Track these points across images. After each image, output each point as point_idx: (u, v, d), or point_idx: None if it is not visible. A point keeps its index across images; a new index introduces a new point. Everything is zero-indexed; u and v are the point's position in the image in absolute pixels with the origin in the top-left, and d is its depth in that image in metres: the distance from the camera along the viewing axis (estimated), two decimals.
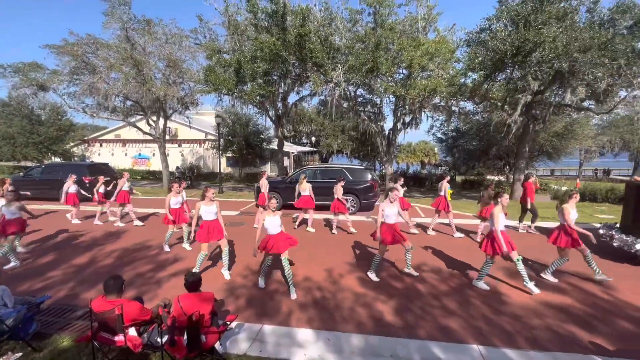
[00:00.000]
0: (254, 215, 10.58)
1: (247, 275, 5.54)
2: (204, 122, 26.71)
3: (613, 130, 28.72)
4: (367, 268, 5.87)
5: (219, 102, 15.30)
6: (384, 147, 15.77)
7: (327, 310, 4.39)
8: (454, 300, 4.67)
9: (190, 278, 3.35)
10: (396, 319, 4.17)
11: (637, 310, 4.38)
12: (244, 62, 12.09)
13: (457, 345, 3.61)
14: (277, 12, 11.58)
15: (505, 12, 11.45)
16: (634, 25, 10.13)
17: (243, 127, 21.53)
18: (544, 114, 14.01)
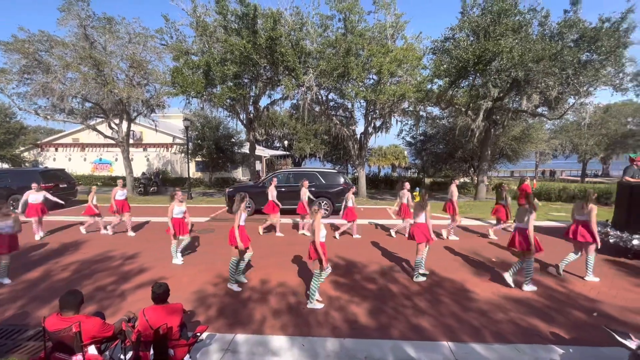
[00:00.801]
0: (226, 221, 10.31)
1: (219, 284, 5.36)
2: (171, 126, 25.70)
3: (564, 134, 31.20)
4: (341, 271, 5.91)
5: (187, 104, 14.81)
6: (356, 151, 16.02)
7: (301, 315, 4.34)
8: (424, 299, 4.80)
9: (159, 289, 3.17)
10: (370, 320, 4.22)
11: (589, 301, 4.75)
12: (213, 64, 11.82)
13: (428, 343, 3.71)
14: (247, 15, 11.45)
15: (467, 22, 12.11)
16: (579, 38, 11.09)
17: (213, 131, 20.96)
18: (503, 119, 14.93)
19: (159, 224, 9.97)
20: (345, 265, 6.24)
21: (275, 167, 30.68)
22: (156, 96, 15.96)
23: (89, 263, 6.39)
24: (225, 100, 12.97)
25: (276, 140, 33.59)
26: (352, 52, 11.73)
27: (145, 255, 6.84)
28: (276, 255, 6.82)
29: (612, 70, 11.35)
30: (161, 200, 15.04)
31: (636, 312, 4.39)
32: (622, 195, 7.10)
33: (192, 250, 7.25)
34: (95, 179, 22.77)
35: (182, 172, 23.83)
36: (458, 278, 5.57)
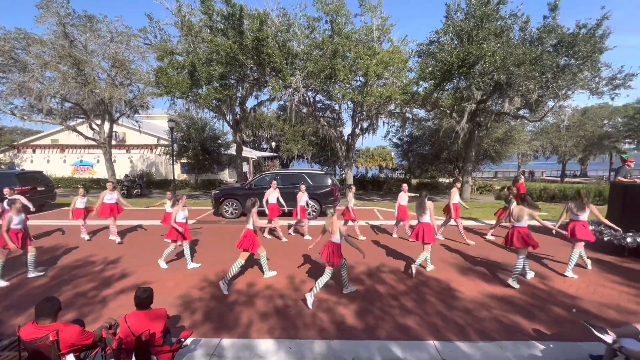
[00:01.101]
0: (212, 224, 10.16)
1: (204, 288, 5.27)
2: (155, 127, 25.20)
3: (544, 136, 32.21)
4: None
5: (172, 105, 14.56)
6: (344, 152, 16.09)
7: (288, 318, 4.31)
8: (411, 299, 4.85)
9: (143, 294, 3.10)
10: (357, 321, 4.23)
11: (568, 297, 4.90)
12: (198, 65, 11.65)
13: (415, 343, 3.74)
14: (233, 15, 11.34)
15: (451, 26, 12.34)
16: (557, 44, 11.47)
17: (199, 132, 20.67)
18: (486, 121, 15.29)
19: (144, 227, 9.74)
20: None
21: (262, 168, 30.48)
22: (140, 96, 15.64)
23: (68, 268, 6.17)
24: (211, 101, 12.81)
25: (264, 141, 33.40)
26: (339, 54, 11.78)
27: (128, 260, 6.66)
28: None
29: (589, 74, 11.77)
30: (146, 203, 14.71)
31: (613, 308, 4.56)
32: (615, 195, 7.34)
33: (178, 253, 7.10)
34: (76, 181, 22.08)
35: (167, 174, 23.37)
36: (444, 277, 5.66)
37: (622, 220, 6.72)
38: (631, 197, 6.77)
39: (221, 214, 11.09)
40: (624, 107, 28.80)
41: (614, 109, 30.65)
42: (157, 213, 11.90)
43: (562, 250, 7.14)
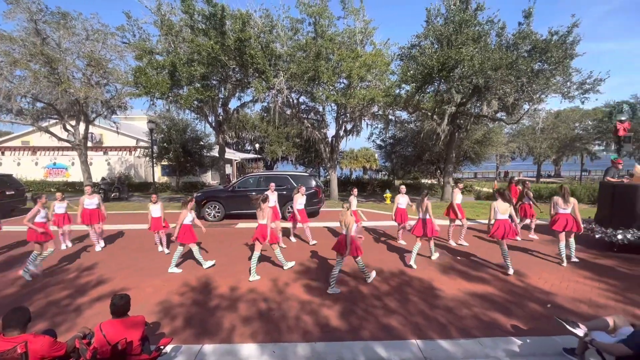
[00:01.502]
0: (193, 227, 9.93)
1: (185, 293, 5.14)
2: (134, 128, 24.49)
3: (520, 138, 33.44)
4: (312, 274, 5.89)
5: (152, 106, 14.19)
6: (328, 154, 16.13)
7: (272, 321, 4.27)
8: (394, 299, 4.90)
9: (120, 301, 2.99)
10: (341, 322, 4.23)
11: (543, 293, 5.08)
12: (179, 65, 11.41)
13: (397, 342, 3.78)
14: (215, 15, 11.18)
15: (431, 31, 12.63)
16: (532, 49, 11.94)
17: (180, 133, 20.21)
18: (466, 124, 15.72)
19: (122, 232, 9.42)
20: (317, 269, 6.23)
21: (246, 170, 30.16)
22: (117, 97, 15.15)
23: (40, 276, 5.88)
24: (192, 102, 12.57)
25: (247, 143, 33.08)
26: (323, 56, 11.83)
27: (104, 266, 6.42)
28: (245, 261, 6.67)
29: (561, 79, 12.32)
30: (125, 206, 14.25)
31: (585, 302, 4.76)
32: (604, 194, 7.64)
33: (157, 257, 6.91)
34: (49, 184, 21.14)
35: (147, 176, 22.74)
36: (426, 277, 5.75)
37: (611, 219, 7.04)
38: (619, 196, 7.06)
39: (203, 217, 10.88)
40: (593, 110, 30.30)
41: (585, 113, 32.20)
42: (134, 217, 11.56)
43: (540, 247, 7.42)
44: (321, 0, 12.38)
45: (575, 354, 3.40)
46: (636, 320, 3.43)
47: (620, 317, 3.29)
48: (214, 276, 5.82)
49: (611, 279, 5.63)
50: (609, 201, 7.31)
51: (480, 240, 8.26)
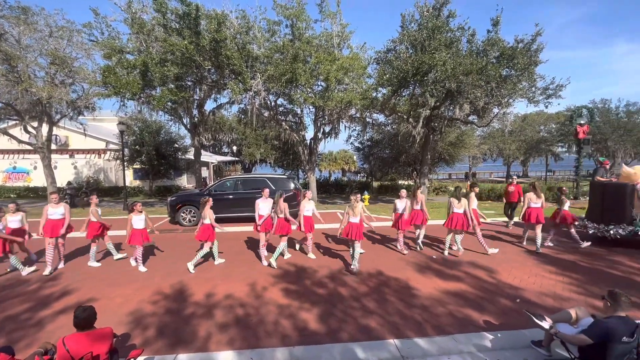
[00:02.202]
0: (168, 233, 9.60)
1: (158, 301, 4.95)
2: (104, 130, 23.38)
3: (491, 140, 34.89)
4: (291, 277, 5.85)
5: (122, 107, 13.62)
6: (306, 156, 16.12)
7: (249, 327, 4.18)
8: (372, 299, 4.95)
9: (82, 313, 2.82)
10: (320, 325, 4.22)
11: (513, 289, 5.31)
12: (151, 65, 11.03)
13: (376, 343, 3.81)
14: (189, 15, 10.91)
15: (406, 36, 12.95)
16: (499, 56, 12.51)
17: (153, 136, 19.51)
18: (440, 126, 16.21)
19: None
20: (296, 272, 6.19)
21: (223, 173, 29.57)
22: (84, 97, 14.40)
23: None
24: (165, 103, 12.17)
25: (224, 145, 32.43)
26: (300, 59, 11.82)
27: (70, 276, 6.06)
28: (221, 267, 6.53)
29: (527, 84, 12.98)
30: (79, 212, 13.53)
31: (550, 296, 5.02)
32: (595, 193, 8.15)
33: (127, 266, 6.61)
34: (8, 190, 19.76)
35: (117, 180, 21.75)
36: (403, 276, 5.86)
37: (602, 215, 7.55)
38: (609, 194, 7.60)
39: (178, 222, 10.53)
40: (556, 114, 32.15)
41: (549, 116, 34.11)
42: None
43: (510, 245, 7.76)
44: (298, 3, 12.39)
45: (542, 345, 3.57)
46: (596, 312, 3.66)
47: (582, 309, 3.49)
48: (189, 283, 5.64)
49: (573, 273, 5.98)
50: (600, 199, 7.83)
51: None
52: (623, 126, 28.38)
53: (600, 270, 6.11)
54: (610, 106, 30.12)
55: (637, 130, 28.11)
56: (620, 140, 28.83)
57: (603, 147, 30.71)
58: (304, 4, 12.44)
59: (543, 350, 3.54)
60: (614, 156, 32.98)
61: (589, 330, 2.91)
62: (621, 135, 28.42)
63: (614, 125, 28.65)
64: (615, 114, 29.69)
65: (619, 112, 29.82)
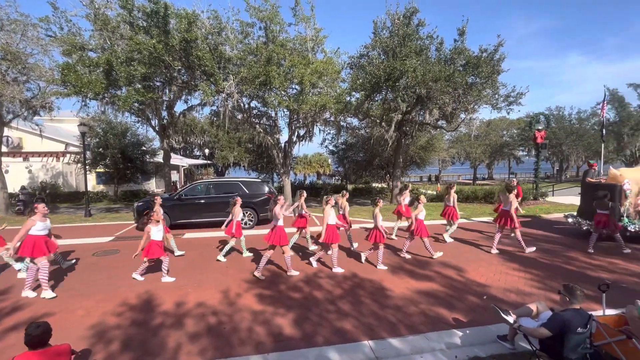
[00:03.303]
0: (135, 239, 9.13)
1: (123, 313, 4.68)
2: (63, 131, 21.91)
3: (459, 144, 36.51)
4: (266, 283, 5.75)
5: (84, 107, 12.83)
6: (281, 159, 16.00)
7: (222, 335, 4.06)
8: (347, 302, 4.98)
9: (35, 331, 2.60)
10: (295, 330, 4.17)
11: (480, 286, 5.55)
12: (116, 64, 10.49)
13: (350, 345, 3.83)
14: (157, 13, 10.51)
15: (378, 42, 13.30)
16: (466, 64, 13.16)
17: (119, 138, 18.54)
18: (411, 130, 16.73)
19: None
20: (271, 277, 6.10)
21: (195, 177, 28.68)
22: (41, 96, 13.43)
23: None
24: (132, 103, 11.60)
25: (196, 148, 31.48)
26: (274, 61, 11.74)
27: (20, 290, 5.57)
28: (194, 274, 6.30)
29: (490, 91, 13.75)
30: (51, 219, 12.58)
31: (513, 292, 5.30)
32: (586, 192, 8.78)
33: (89, 275, 6.21)
34: None
35: (78, 185, 20.45)
36: (376, 278, 5.95)
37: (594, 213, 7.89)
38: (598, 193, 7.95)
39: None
40: (517, 120, 34.26)
41: (511, 122, 36.28)
42: (61, 230, 10.29)
43: (477, 244, 8.11)
44: (272, 6, 12.32)
45: (507, 339, 3.75)
46: (555, 305, 3.90)
47: (542, 303, 3.71)
48: (158, 292, 5.39)
49: (534, 269, 6.35)
50: (591, 198, 8.36)
51: None
52: (575, 132, 30.74)
53: (558, 266, 6.54)
54: (564, 113, 32.60)
55: (588, 136, 30.54)
56: (573, 144, 31.18)
57: (558, 151, 33.12)
58: (277, 7, 12.39)
59: (508, 344, 3.72)
60: (567, 159, 35.64)
61: (548, 323, 3.09)
62: (574, 140, 30.74)
63: (568, 131, 30.97)
64: (568, 121, 32.12)
65: (572, 119, 32.31)
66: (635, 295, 4.77)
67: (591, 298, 4.66)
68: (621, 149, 29.36)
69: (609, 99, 26.54)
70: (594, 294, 4.68)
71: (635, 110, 27.93)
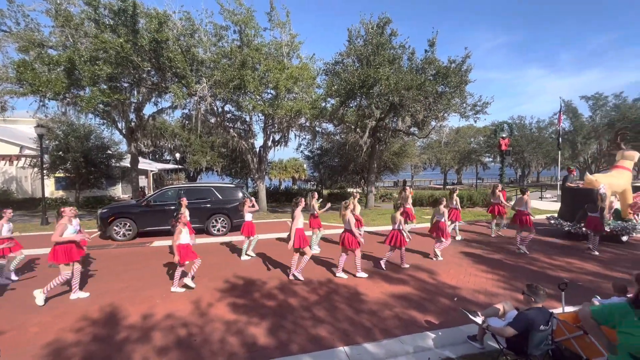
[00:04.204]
0: (99, 249, 8.59)
1: (83, 328, 4.36)
2: (17, 133, 20.37)
3: (430, 150, 37.83)
4: (239, 291, 5.60)
5: (42, 107, 12.01)
6: (256, 164, 15.79)
7: (192, 348, 3.88)
8: (322, 308, 4.95)
9: None
10: (270, 339, 4.08)
11: (451, 288, 5.72)
12: (79, 62, 9.94)
13: (326, 352, 3.80)
14: (125, 11, 10.10)
15: (353, 50, 13.57)
16: (436, 74, 13.73)
17: (81, 141, 17.46)
18: (385, 137, 17.14)
19: None
20: (244, 285, 5.95)
21: (165, 182, 27.60)
22: None
23: None
24: (96, 105, 11.01)
25: (166, 152, 30.32)
26: (249, 65, 11.63)
27: None
28: (161, 284, 6.01)
29: (459, 100, 14.41)
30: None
31: (482, 293, 5.51)
32: (566, 196, 9.48)
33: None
34: None
35: (35, 191, 19.00)
36: (351, 283, 5.97)
37: (573, 214, 8.61)
38: (579, 197, 8.79)
39: (110, 237, 9.49)
40: (483, 128, 36.11)
41: (478, 130, 38.16)
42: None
43: (450, 247, 8.38)
44: (247, 10, 12.24)
45: (477, 339, 3.88)
46: (519, 304, 4.10)
47: (508, 303, 3.88)
48: (123, 304, 5.09)
49: (500, 270, 6.66)
50: (571, 201, 9.09)
51: None
52: (535, 140, 32.85)
53: (522, 267, 6.90)
54: (525, 122, 34.78)
55: (546, 144, 32.73)
56: (534, 151, 33.28)
57: (521, 158, 35.19)
58: (252, 11, 12.33)
59: (477, 344, 3.85)
60: (529, 165, 37.97)
61: (513, 322, 3.24)
62: (534, 147, 32.83)
63: (529, 139, 33.03)
64: (529, 129, 34.29)
65: (532, 127, 34.53)
66: (589, 293, 5.13)
67: (552, 296, 4.94)
68: (575, 156, 31.76)
69: (564, 109, 28.68)
70: (554, 292, 4.97)
71: (587, 121, 30.35)
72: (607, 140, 26.90)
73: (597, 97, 28.84)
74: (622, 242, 8.69)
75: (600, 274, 6.39)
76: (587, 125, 29.82)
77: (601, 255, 7.70)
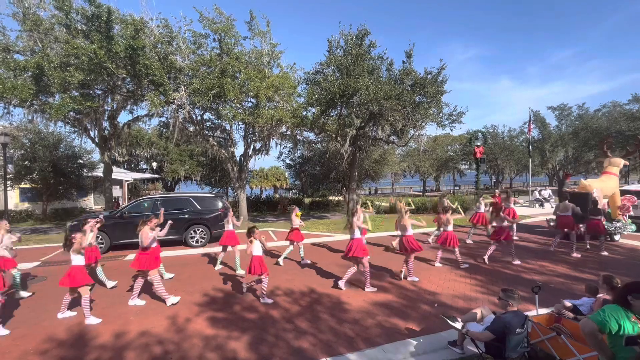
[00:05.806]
0: (64, 265, 8.10)
1: (49, 350, 4.08)
2: None
3: (409, 158, 38.68)
4: (218, 304, 5.43)
5: (6, 115, 11.38)
6: (236, 173, 15.56)
7: None
8: (305, 319, 4.87)
9: None
10: (250, 354, 3.96)
11: (431, 294, 5.80)
12: (48, 68, 9.52)
13: None
14: (99, 17, 9.82)
15: (333, 60, 13.76)
16: (413, 84, 14.13)
17: (50, 150, 16.61)
18: (365, 145, 17.37)
19: None
20: (224, 297, 5.78)
21: (140, 192, 26.64)
22: None
23: None
24: (66, 112, 10.52)
25: (142, 161, 29.35)
26: (228, 74, 11.54)
27: None
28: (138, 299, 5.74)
29: (435, 110, 14.86)
30: None
31: (461, 298, 5.62)
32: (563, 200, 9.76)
33: (7, 308, 5.34)
34: None
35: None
36: (334, 292, 5.93)
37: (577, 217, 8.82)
38: (575, 201, 9.08)
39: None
40: (459, 136, 37.35)
41: (454, 138, 39.43)
42: None
43: (427, 253, 8.52)
44: (226, 19, 12.20)
45: (457, 345, 3.94)
46: (496, 308, 4.20)
47: (486, 308, 3.97)
48: (92, 323, 4.80)
49: (478, 275, 6.83)
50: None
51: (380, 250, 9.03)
52: (508, 148, 34.33)
53: (498, 271, 7.11)
54: (498, 131, 36.33)
55: (518, 152, 34.25)
56: (507, 159, 34.74)
57: (495, 165, 36.60)
58: (232, 20, 12.31)
59: (458, 349, 3.90)
60: (502, 172, 39.50)
61: (491, 326, 3.31)
62: (507, 155, 34.27)
63: (501, 147, 34.48)
64: (501, 138, 35.83)
65: (504, 136, 36.11)
66: (561, 294, 5.34)
67: (526, 299, 5.10)
68: (544, 163, 33.38)
69: (533, 119, 30.19)
70: (528, 295, 5.14)
71: (554, 130, 32.09)
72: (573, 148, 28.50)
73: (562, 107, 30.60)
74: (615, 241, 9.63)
75: (570, 276, 6.68)
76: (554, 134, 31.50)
77: (570, 258, 8.07)
